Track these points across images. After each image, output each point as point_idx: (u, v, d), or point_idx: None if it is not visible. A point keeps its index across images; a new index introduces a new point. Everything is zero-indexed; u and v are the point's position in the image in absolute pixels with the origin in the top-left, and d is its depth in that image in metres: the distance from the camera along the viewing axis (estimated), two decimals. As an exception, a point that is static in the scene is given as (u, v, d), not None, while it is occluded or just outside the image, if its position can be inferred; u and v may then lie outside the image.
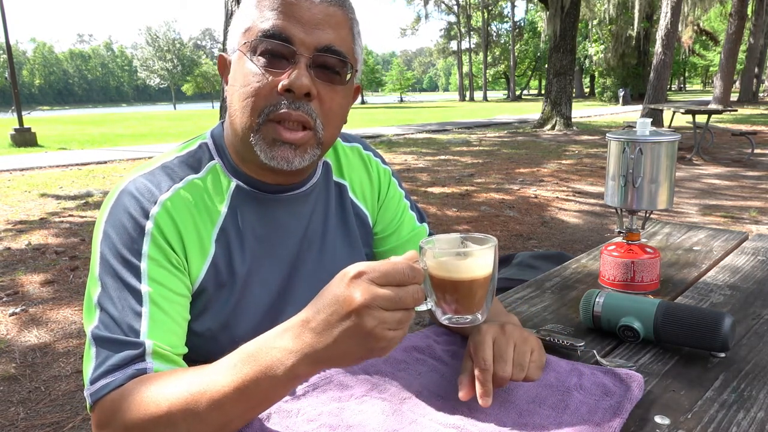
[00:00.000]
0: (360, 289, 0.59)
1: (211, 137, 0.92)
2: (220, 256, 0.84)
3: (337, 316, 0.59)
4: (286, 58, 0.79)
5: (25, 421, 2.21)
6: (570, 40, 14.35)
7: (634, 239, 1.25)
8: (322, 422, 0.73)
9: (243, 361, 0.63)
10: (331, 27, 0.81)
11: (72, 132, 18.97)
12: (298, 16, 0.79)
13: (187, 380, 0.66)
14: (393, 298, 0.59)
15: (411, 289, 0.61)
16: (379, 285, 0.59)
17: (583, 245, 4.49)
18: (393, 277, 0.60)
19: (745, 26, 20.74)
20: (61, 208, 6.16)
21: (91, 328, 0.74)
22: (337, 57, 0.81)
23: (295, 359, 0.61)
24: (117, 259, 0.77)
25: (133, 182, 0.82)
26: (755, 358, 0.91)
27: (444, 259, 0.67)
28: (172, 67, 71.98)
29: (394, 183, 1.07)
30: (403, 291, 0.60)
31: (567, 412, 0.74)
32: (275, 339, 0.63)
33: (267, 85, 0.79)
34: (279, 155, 0.81)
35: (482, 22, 51.18)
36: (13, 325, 3.12)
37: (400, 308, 0.60)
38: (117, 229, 0.78)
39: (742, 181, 7.28)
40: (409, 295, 0.60)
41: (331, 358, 0.61)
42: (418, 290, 0.62)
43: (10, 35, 13.50)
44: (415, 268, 0.62)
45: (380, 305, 0.59)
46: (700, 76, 71.44)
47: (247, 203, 0.88)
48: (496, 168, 8.63)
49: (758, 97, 32.88)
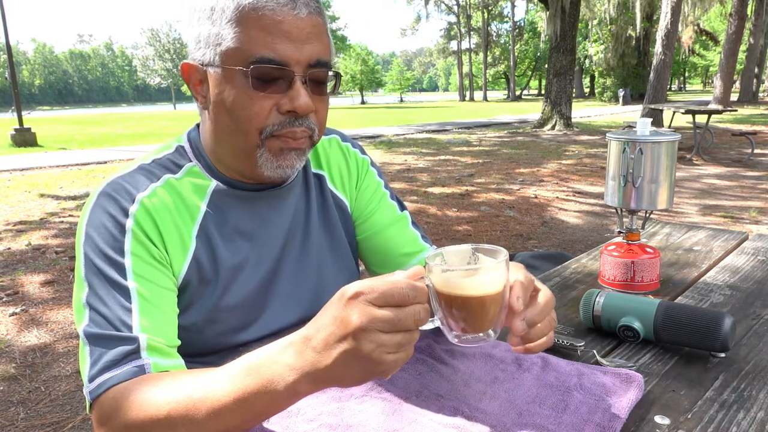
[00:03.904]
0: (357, 311, 0.56)
1: (188, 140, 0.92)
2: (202, 251, 0.85)
3: (334, 337, 0.57)
4: (282, 79, 0.80)
5: (25, 421, 2.21)
6: (570, 40, 14.35)
7: (634, 239, 1.25)
8: (322, 422, 0.73)
9: (245, 372, 0.62)
10: (317, 37, 0.82)
11: (72, 132, 18.97)
12: (287, 34, 0.78)
13: (190, 385, 0.66)
14: (392, 320, 0.56)
15: (412, 310, 0.57)
16: (377, 306, 0.56)
17: (583, 245, 4.49)
18: (392, 298, 0.56)
19: (745, 26, 20.74)
20: (60, 208, 6.16)
21: (82, 327, 0.75)
22: (326, 69, 0.83)
23: (296, 376, 0.59)
24: (101, 258, 0.78)
25: (110, 184, 0.83)
26: (755, 358, 0.91)
27: (450, 274, 0.62)
28: (173, 67, 71.95)
29: (372, 172, 1.09)
30: (403, 312, 0.57)
31: (567, 412, 0.74)
32: (278, 353, 0.61)
33: (265, 107, 0.80)
34: (285, 163, 0.84)
35: (482, 22, 51.16)
36: (13, 325, 3.12)
37: (400, 330, 0.57)
38: (98, 229, 0.79)
39: (742, 181, 7.28)
40: (410, 317, 0.57)
41: (331, 379, 0.59)
42: (420, 310, 0.58)
43: (10, 35, 13.49)
44: (417, 286, 0.58)
45: (378, 328, 0.55)
46: (700, 76, 71.44)
47: (229, 200, 0.89)
48: (496, 168, 8.63)
49: (758, 97, 32.91)
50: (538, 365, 0.86)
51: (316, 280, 0.97)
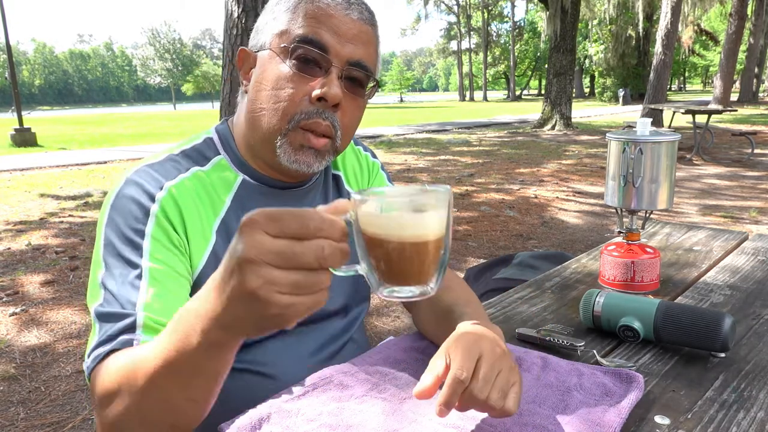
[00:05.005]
0: (245, 240, 0.48)
1: (216, 132, 0.94)
2: (221, 246, 0.86)
3: (226, 272, 0.50)
4: (319, 66, 0.83)
5: (25, 421, 2.21)
6: (570, 40, 14.35)
7: (634, 239, 1.25)
8: (322, 422, 0.72)
9: (170, 329, 0.58)
10: (363, 43, 0.85)
11: (72, 132, 18.96)
12: (335, 28, 0.82)
13: (136, 352, 0.65)
14: (284, 252, 0.47)
15: (314, 245, 0.48)
16: (272, 236, 0.47)
17: (583, 245, 4.49)
18: (289, 228, 0.48)
19: (745, 26, 20.74)
20: (60, 208, 6.16)
21: (94, 306, 0.75)
22: (365, 72, 0.85)
23: (204, 324, 0.53)
24: (120, 239, 0.78)
25: (138, 172, 0.85)
26: (755, 358, 0.91)
27: (373, 210, 0.52)
28: (173, 67, 71.98)
29: (382, 175, 1.12)
30: (301, 246, 0.47)
31: (567, 412, 0.74)
32: (192, 301, 0.57)
33: (300, 91, 0.82)
34: (302, 159, 0.86)
35: (482, 22, 51.18)
36: (13, 325, 3.12)
37: (297, 267, 0.48)
38: (122, 213, 0.80)
39: (742, 181, 7.28)
40: (311, 252, 0.48)
41: (235, 324, 0.52)
42: (325, 246, 0.48)
43: (10, 35, 13.49)
44: (325, 218, 0.49)
45: (268, 260, 0.47)
46: (700, 76, 71.44)
47: (252, 197, 0.91)
48: (496, 168, 8.63)
49: (758, 97, 32.90)
50: (538, 365, 0.86)
51: None
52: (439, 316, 0.91)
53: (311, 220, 0.48)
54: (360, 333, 1.07)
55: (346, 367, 0.86)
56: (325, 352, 0.97)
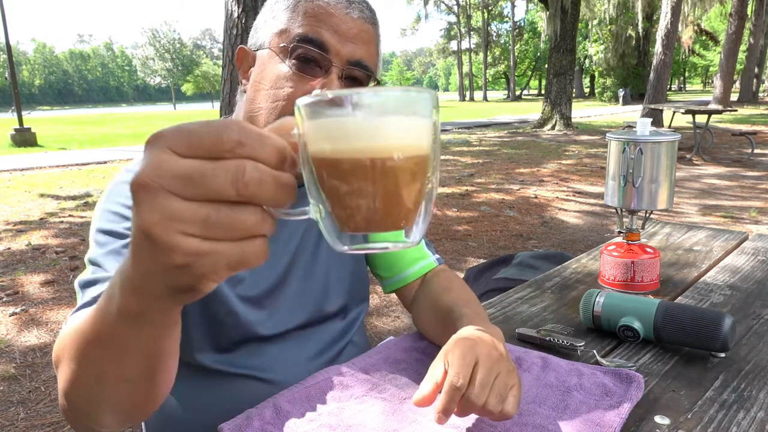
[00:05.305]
0: (144, 160, 0.35)
1: None
2: None
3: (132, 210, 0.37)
4: (319, 66, 0.81)
5: (25, 421, 2.21)
6: (570, 40, 14.35)
7: (634, 239, 1.25)
8: (322, 422, 0.72)
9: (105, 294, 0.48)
10: (364, 42, 0.83)
11: (72, 132, 18.96)
12: (336, 27, 0.81)
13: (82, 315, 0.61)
14: (190, 175, 0.34)
15: (231, 165, 0.34)
16: (179, 155, 0.35)
17: (583, 245, 4.49)
18: (201, 142, 0.34)
19: (745, 26, 20.73)
20: (60, 208, 6.16)
21: (79, 279, 0.74)
22: (366, 71, 0.84)
23: (118, 287, 0.43)
24: (113, 218, 0.79)
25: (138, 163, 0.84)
26: (755, 358, 0.91)
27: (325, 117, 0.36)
28: (173, 67, 71.97)
29: None
30: (212, 167, 0.34)
31: (567, 412, 0.74)
32: None
33: (299, 91, 0.81)
34: None
35: (482, 22, 51.17)
36: (13, 325, 3.12)
37: (207, 197, 0.34)
38: (118, 197, 0.81)
39: (742, 181, 7.28)
40: (226, 174, 0.34)
41: (144, 284, 0.40)
42: (247, 168, 0.34)
43: (10, 35, 13.49)
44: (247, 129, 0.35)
45: (168, 186, 0.34)
46: (700, 76, 71.42)
47: None
48: (496, 168, 8.63)
49: (758, 97, 32.89)
50: (538, 365, 0.86)
51: (324, 279, 0.98)
52: (439, 317, 0.91)
53: (228, 131, 0.34)
54: (360, 335, 1.06)
55: (346, 368, 0.86)
56: (325, 356, 0.96)
